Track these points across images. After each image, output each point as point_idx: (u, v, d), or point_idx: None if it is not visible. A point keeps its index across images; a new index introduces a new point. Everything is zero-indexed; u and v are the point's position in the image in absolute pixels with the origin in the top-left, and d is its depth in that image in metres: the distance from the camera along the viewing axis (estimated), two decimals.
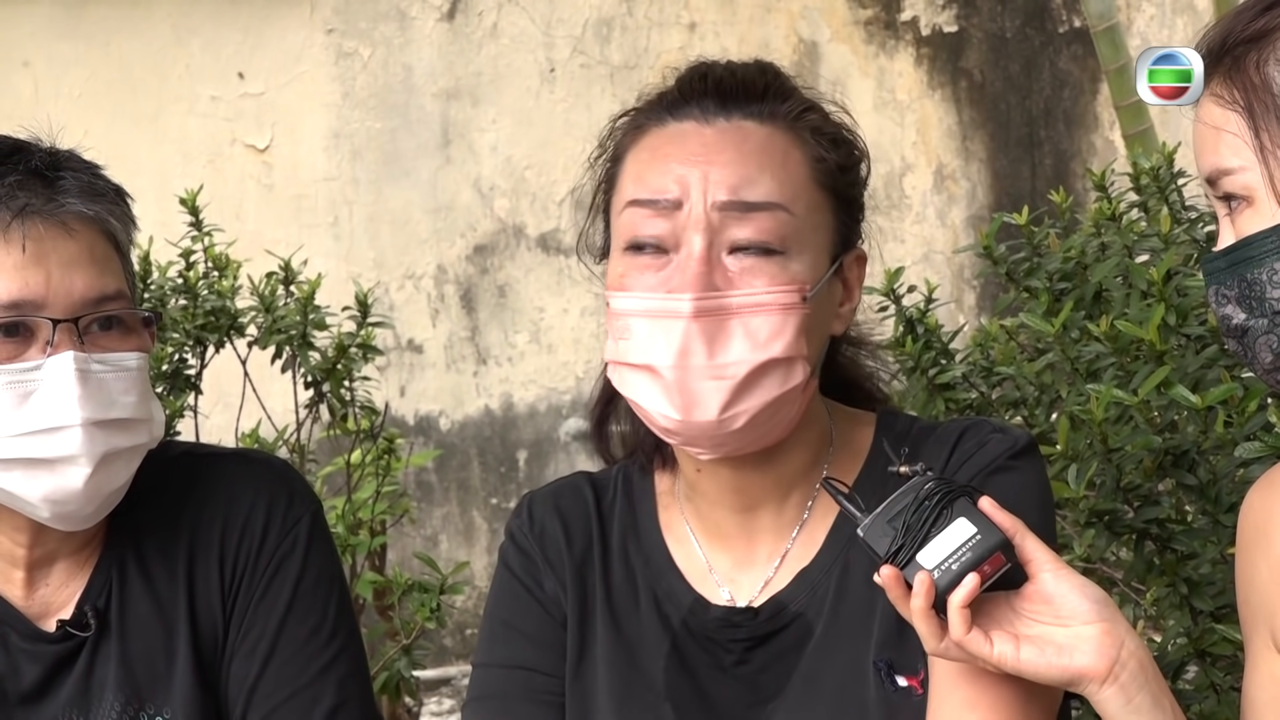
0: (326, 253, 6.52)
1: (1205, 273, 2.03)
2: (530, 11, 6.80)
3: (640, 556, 2.29)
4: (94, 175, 2.35)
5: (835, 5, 6.96)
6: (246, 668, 2.39)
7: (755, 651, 2.22)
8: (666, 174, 2.14)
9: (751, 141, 2.17)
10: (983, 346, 3.48)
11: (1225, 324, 2.00)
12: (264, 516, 2.42)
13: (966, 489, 2.00)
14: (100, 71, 6.59)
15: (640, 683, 2.23)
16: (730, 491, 2.24)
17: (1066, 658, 1.96)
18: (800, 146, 2.19)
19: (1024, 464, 2.19)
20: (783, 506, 2.25)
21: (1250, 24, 1.96)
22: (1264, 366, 1.98)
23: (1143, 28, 7.12)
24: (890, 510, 2.00)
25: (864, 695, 2.16)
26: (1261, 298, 1.95)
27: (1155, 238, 3.43)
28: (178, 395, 4.06)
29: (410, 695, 4.37)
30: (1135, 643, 1.98)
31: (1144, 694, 1.96)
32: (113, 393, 2.27)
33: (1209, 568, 2.89)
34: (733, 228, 2.13)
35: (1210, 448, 2.89)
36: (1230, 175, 1.96)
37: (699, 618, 2.25)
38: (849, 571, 2.21)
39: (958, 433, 2.23)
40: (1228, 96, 1.96)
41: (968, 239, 6.83)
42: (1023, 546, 1.98)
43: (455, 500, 6.82)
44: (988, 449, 2.19)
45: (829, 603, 2.21)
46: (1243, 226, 1.96)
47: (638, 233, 2.15)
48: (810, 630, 2.21)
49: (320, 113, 6.75)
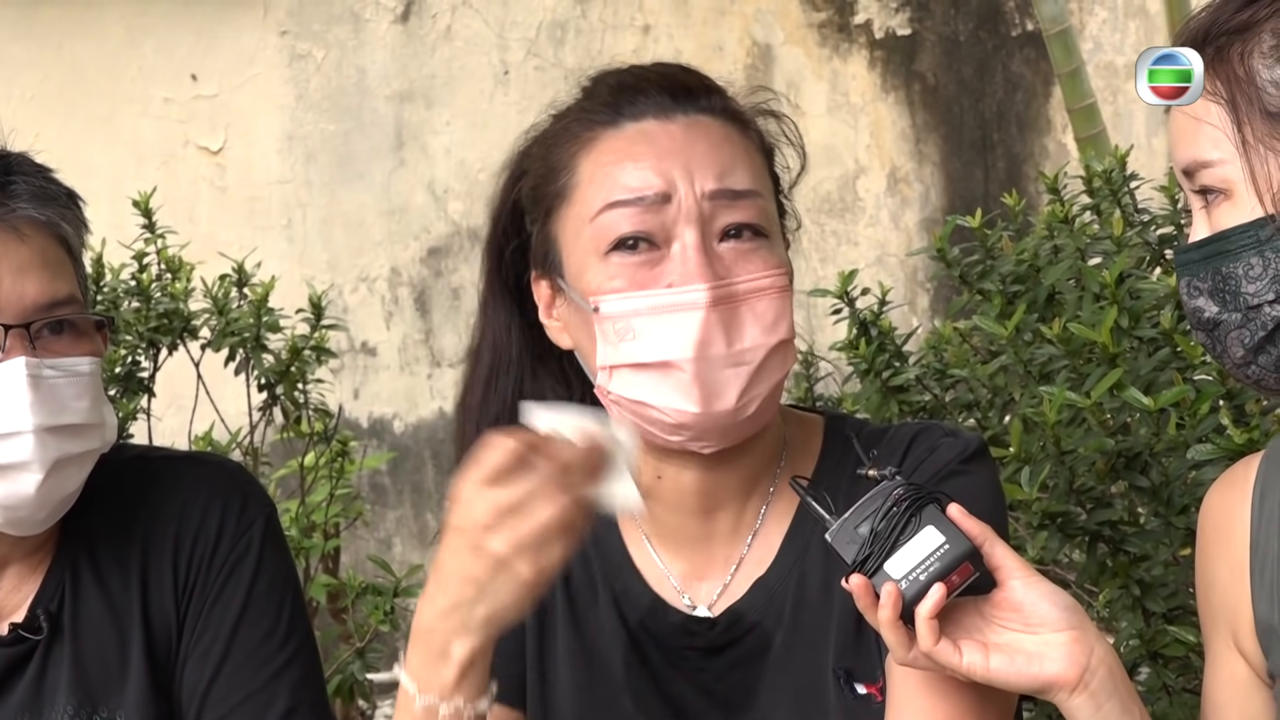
0: (280, 255, 6.50)
1: (1178, 264, 2.01)
2: (484, 14, 6.79)
3: (598, 554, 2.28)
4: (45, 179, 2.34)
5: (789, 8, 6.97)
6: (200, 671, 2.38)
7: (713, 660, 2.21)
8: (645, 170, 2.12)
9: (715, 134, 2.16)
10: (936, 349, 3.49)
11: (1196, 316, 1.99)
12: (218, 520, 2.40)
13: (935, 495, 1.98)
14: (53, 73, 6.56)
15: (600, 676, 2.23)
16: (694, 494, 2.22)
17: (1036, 666, 1.94)
18: (747, 136, 2.20)
19: (976, 468, 2.19)
20: (742, 510, 2.23)
21: (1235, 15, 1.94)
22: (1234, 361, 1.98)
23: (1095, 31, 7.15)
24: (859, 515, 1.98)
25: (824, 703, 2.16)
26: (1236, 292, 1.94)
27: (1108, 240, 3.45)
28: (130, 398, 4.05)
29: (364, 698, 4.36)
30: (1104, 649, 1.95)
31: (1113, 701, 1.94)
32: (65, 398, 2.26)
33: (1161, 569, 2.90)
34: (722, 215, 2.12)
35: (1162, 450, 2.90)
36: (1209, 168, 1.95)
37: (657, 621, 2.24)
38: (806, 580, 2.19)
39: (909, 437, 2.22)
40: (1210, 88, 1.94)
41: (921, 242, 6.85)
42: (991, 554, 1.96)
43: (409, 503, 6.81)
44: (939, 454, 2.18)
45: (788, 612, 2.20)
46: (1219, 220, 1.95)
47: (623, 231, 2.12)
48: (769, 640, 2.20)
49: (274, 115, 6.73)
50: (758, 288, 2.12)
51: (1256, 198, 1.92)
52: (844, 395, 3.53)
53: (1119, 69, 7.12)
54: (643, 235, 2.12)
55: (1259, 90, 1.92)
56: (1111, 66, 7.14)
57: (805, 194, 2.42)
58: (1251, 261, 1.93)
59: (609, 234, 2.13)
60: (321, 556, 4.35)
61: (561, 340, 2.22)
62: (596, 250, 2.13)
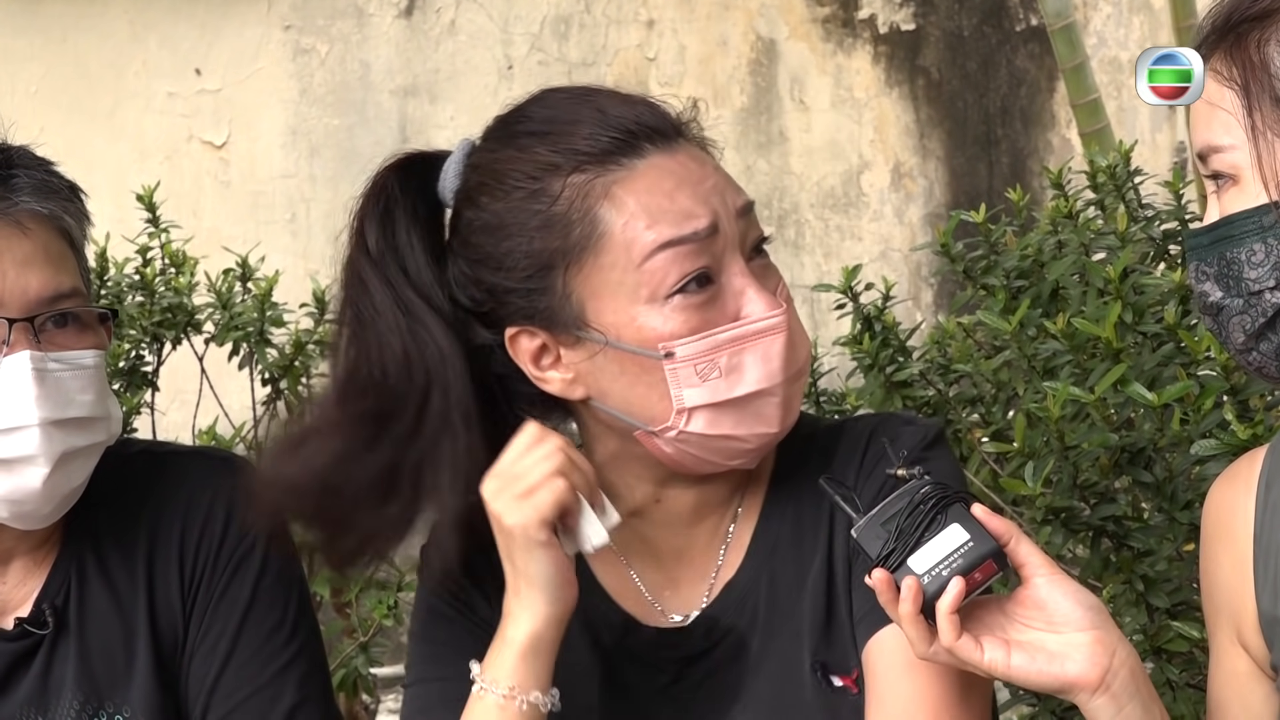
0: (284, 249, 6.49)
1: (1188, 248, 2.02)
2: (488, 8, 6.79)
3: None
4: (48, 172, 2.34)
5: (793, 3, 6.97)
6: (206, 666, 2.38)
7: (691, 669, 2.20)
8: (688, 205, 2.08)
9: (704, 159, 2.15)
10: (940, 344, 3.49)
11: (1202, 300, 1.99)
12: (224, 515, 2.40)
13: (962, 495, 1.98)
14: (56, 67, 6.56)
15: (576, 701, 2.19)
16: (689, 509, 2.22)
17: (1058, 665, 1.93)
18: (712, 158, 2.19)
19: (935, 454, 2.17)
20: (720, 518, 2.23)
21: (1256, 2, 1.94)
22: (1236, 346, 1.98)
23: (1099, 26, 7.15)
24: (885, 513, 1.98)
25: (802, 700, 2.15)
26: (1239, 277, 1.94)
27: (1112, 235, 3.45)
28: (134, 392, 4.05)
29: (367, 692, 4.36)
30: (1127, 650, 1.94)
31: (1135, 702, 1.93)
32: (70, 391, 2.26)
33: (1165, 565, 2.90)
34: (750, 232, 2.13)
35: (1166, 445, 2.90)
36: (1220, 153, 1.95)
37: (631, 638, 2.22)
38: (776, 580, 2.18)
39: (868, 431, 2.21)
40: (1226, 73, 1.95)
41: (925, 237, 6.85)
42: (1016, 551, 1.95)
43: None
44: (900, 442, 2.15)
45: (761, 613, 2.18)
46: (1227, 205, 1.96)
47: (686, 270, 2.07)
48: (745, 643, 2.18)
49: (277, 109, 6.73)
50: (788, 300, 2.14)
51: (1262, 184, 1.93)
52: (847, 391, 3.53)
53: (1123, 64, 7.12)
54: (704, 271, 2.08)
55: (1271, 77, 1.92)
56: (1116, 61, 7.14)
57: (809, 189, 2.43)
58: (1254, 247, 1.93)
59: (668, 277, 2.07)
60: None
61: (571, 392, 2.15)
62: (653, 296, 2.08)
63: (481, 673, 2.10)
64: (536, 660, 2.08)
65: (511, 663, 2.08)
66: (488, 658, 2.11)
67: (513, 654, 2.08)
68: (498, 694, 2.08)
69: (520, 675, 2.08)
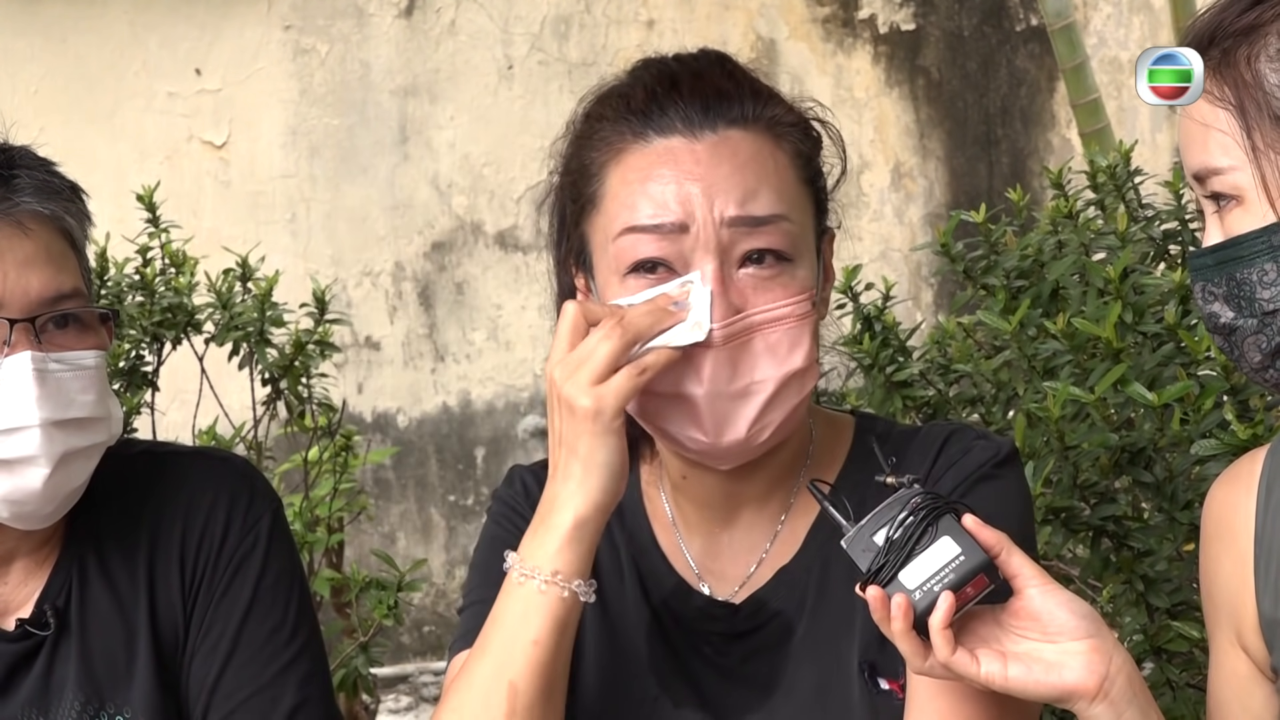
0: (284, 250, 6.50)
1: (1192, 269, 2.00)
2: (488, 8, 6.79)
3: (624, 533, 2.28)
4: (48, 173, 2.34)
5: (793, 3, 6.97)
6: (207, 667, 2.38)
7: (734, 646, 2.22)
8: (665, 195, 2.10)
9: (743, 153, 2.13)
10: (940, 344, 3.49)
11: (1212, 321, 1.98)
12: (225, 515, 2.41)
13: (952, 505, 1.97)
14: (57, 68, 6.56)
15: (625, 652, 2.23)
16: (718, 496, 2.24)
17: (1055, 675, 1.93)
18: (781, 147, 2.16)
19: (1007, 472, 2.19)
20: (764, 506, 2.24)
21: (1241, 16, 1.92)
22: (1252, 365, 1.97)
23: (1099, 26, 7.15)
24: (876, 523, 1.97)
25: (848, 695, 2.16)
26: (1251, 298, 1.93)
27: (1112, 235, 3.44)
28: (135, 392, 4.05)
29: (368, 692, 4.36)
30: (1123, 657, 1.94)
31: (1133, 709, 1.93)
32: (71, 392, 2.26)
33: (1165, 565, 2.90)
34: (743, 241, 2.11)
35: (1166, 445, 2.90)
36: (1219, 175, 1.93)
37: (680, 602, 2.24)
38: (829, 570, 2.19)
39: (941, 439, 2.22)
40: (1218, 93, 1.93)
41: (925, 237, 6.85)
42: (1008, 562, 1.95)
43: (413, 497, 6.81)
44: (972, 456, 2.18)
45: (810, 602, 2.20)
46: (1232, 225, 1.94)
47: (641, 255, 2.11)
48: (791, 629, 2.20)
49: (277, 109, 6.73)
50: (774, 318, 2.11)
51: (1268, 203, 1.90)
52: (847, 391, 3.52)
53: (1123, 64, 7.12)
54: (660, 261, 2.11)
55: (1267, 95, 1.90)
56: (1116, 61, 7.14)
57: None
58: (1265, 267, 1.92)
59: (627, 256, 2.12)
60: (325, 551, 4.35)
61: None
62: (617, 270, 2.13)
63: (520, 560, 2.08)
64: (581, 545, 2.07)
65: (555, 546, 2.07)
66: (525, 544, 2.09)
67: (558, 538, 2.07)
68: (539, 580, 2.07)
69: (566, 559, 2.06)
